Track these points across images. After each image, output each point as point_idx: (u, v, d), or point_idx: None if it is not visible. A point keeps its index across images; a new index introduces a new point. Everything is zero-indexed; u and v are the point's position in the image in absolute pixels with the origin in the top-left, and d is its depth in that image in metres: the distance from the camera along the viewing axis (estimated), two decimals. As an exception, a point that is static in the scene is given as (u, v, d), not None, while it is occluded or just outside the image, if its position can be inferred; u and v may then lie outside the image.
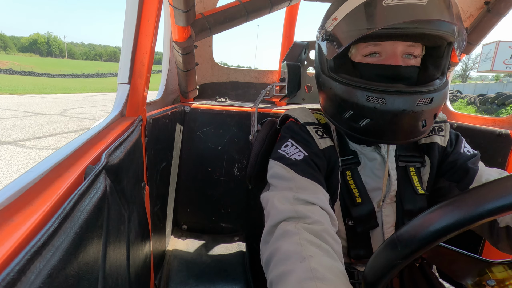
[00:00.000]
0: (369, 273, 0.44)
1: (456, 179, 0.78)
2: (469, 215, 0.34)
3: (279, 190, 0.66)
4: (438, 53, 0.70)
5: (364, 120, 0.66)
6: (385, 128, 0.65)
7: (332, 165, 0.76)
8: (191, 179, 1.61)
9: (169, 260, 1.35)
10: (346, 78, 0.68)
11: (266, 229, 0.61)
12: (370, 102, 0.63)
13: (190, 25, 1.20)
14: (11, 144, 5.20)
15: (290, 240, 0.53)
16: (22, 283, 0.25)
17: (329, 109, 0.76)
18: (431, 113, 0.65)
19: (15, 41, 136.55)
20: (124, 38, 0.79)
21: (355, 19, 0.63)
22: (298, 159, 0.71)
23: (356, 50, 0.71)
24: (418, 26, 0.61)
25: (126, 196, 0.61)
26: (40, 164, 0.43)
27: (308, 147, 0.74)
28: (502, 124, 1.16)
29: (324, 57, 0.73)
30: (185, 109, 1.53)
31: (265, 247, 0.58)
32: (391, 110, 0.62)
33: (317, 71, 0.80)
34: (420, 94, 0.62)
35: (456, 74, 55.19)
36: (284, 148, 0.75)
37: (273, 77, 1.89)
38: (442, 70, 0.70)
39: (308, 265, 0.47)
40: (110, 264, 0.48)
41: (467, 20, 1.30)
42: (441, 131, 0.82)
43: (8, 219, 0.31)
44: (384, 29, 0.61)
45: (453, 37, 0.65)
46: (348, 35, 0.64)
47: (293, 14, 1.75)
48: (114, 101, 0.80)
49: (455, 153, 0.80)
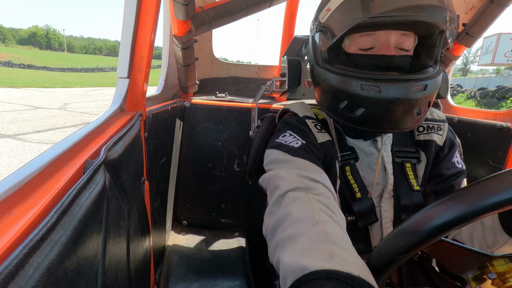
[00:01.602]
0: (374, 260, 0.44)
1: (439, 191, 0.81)
2: (472, 209, 0.34)
3: (282, 169, 0.65)
4: (430, 41, 0.71)
5: (360, 110, 0.67)
6: (381, 117, 0.66)
7: (330, 158, 0.77)
8: (191, 174, 1.61)
9: (169, 255, 1.36)
10: (340, 68, 0.69)
11: (272, 200, 0.59)
12: (365, 90, 0.64)
13: (190, 19, 1.19)
14: (11, 138, 5.20)
15: (302, 206, 0.51)
16: (20, 277, 0.25)
17: (325, 102, 0.76)
18: (425, 100, 0.66)
19: (14, 33, 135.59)
20: (124, 32, 0.78)
21: (349, 8, 0.63)
22: (296, 146, 0.70)
23: (349, 41, 0.72)
24: (411, 14, 0.61)
25: (125, 191, 0.61)
26: (39, 158, 0.43)
27: (306, 137, 0.74)
28: (503, 118, 1.15)
29: (318, 49, 0.74)
30: (185, 104, 1.52)
31: (270, 216, 0.55)
32: (386, 98, 0.63)
33: (311, 64, 0.80)
34: (414, 81, 0.63)
35: (457, 68, 54.95)
36: (281, 137, 0.75)
37: (273, 72, 1.88)
38: (435, 59, 0.71)
39: (322, 228, 0.45)
40: (110, 259, 0.48)
41: (469, 12, 1.28)
42: (440, 131, 0.83)
43: (7, 213, 0.31)
44: (377, 17, 0.62)
45: (445, 25, 0.66)
46: (343, 24, 0.64)
47: (294, 9, 1.73)
48: (113, 96, 0.80)
49: (446, 161, 0.81)
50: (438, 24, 0.66)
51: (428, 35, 0.71)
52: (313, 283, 0.36)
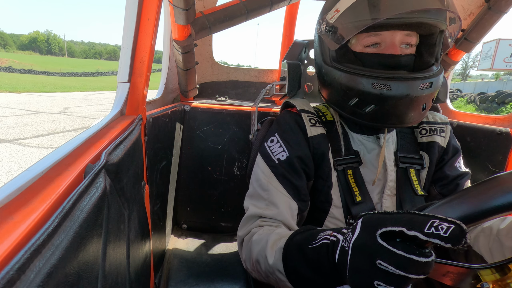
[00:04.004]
0: None
1: (446, 193, 0.82)
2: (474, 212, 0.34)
3: (255, 199, 0.78)
4: (432, 40, 0.74)
5: (370, 106, 0.70)
6: (390, 113, 0.70)
7: (321, 152, 0.80)
8: (191, 178, 1.61)
9: (169, 259, 1.35)
10: (350, 67, 0.72)
11: (242, 220, 0.78)
12: (375, 88, 0.68)
13: (190, 23, 1.19)
14: (10, 143, 5.20)
15: (257, 237, 0.68)
16: (21, 281, 0.25)
17: (333, 98, 0.80)
18: (430, 97, 0.71)
19: (15, 39, 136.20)
20: (124, 37, 0.79)
21: (359, 10, 0.67)
22: (281, 160, 0.77)
23: (356, 40, 0.74)
24: (416, 16, 0.66)
25: (126, 195, 0.61)
26: (40, 163, 0.43)
27: (292, 146, 0.79)
28: (502, 123, 1.16)
29: (326, 48, 0.77)
30: (185, 108, 1.53)
31: (241, 248, 0.75)
32: (395, 95, 0.67)
33: (318, 62, 0.83)
34: (421, 79, 0.67)
35: (456, 73, 55.15)
36: (270, 143, 0.81)
37: (273, 76, 1.89)
38: (436, 57, 0.75)
39: (276, 234, 0.65)
40: (110, 263, 0.48)
41: (467, 18, 1.30)
42: (442, 133, 0.85)
43: (8, 217, 0.31)
44: (385, 19, 0.65)
45: (445, 24, 0.71)
46: (353, 25, 0.68)
47: (293, 13, 1.75)
48: (113, 100, 0.80)
49: (449, 165, 0.83)
50: (440, 24, 0.70)
51: (429, 34, 0.74)
52: None
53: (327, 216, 0.80)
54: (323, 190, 0.80)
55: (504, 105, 12.95)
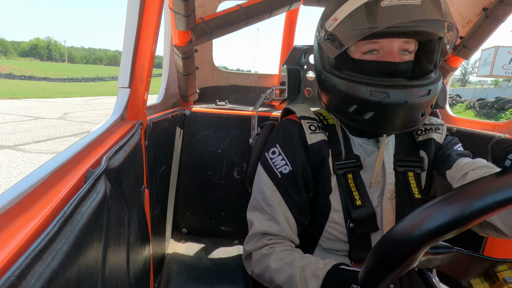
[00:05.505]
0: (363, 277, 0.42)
1: (443, 167, 0.80)
2: (466, 212, 0.33)
3: (259, 213, 0.80)
4: (430, 47, 0.75)
5: (369, 113, 0.71)
6: (388, 119, 0.70)
7: (321, 158, 0.80)
8: (191, 182, 1.61)
9: (169, 263, 1.35)
10: (349, 75, 0.73)
11: (248, 235, 0.82)
12: (374, 96, 0.68)
13: (191, 29, 1.21)
14: (10, 149, 5.20)
15: (276, 265, 0.72)
16: (22, 287, 0.25)
17: (332, 104, 0.81)
18: (428, 104, 0.71)
19: (16, 46, 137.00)
20: (125, 43, 0.79)
21: (357, 19, 0.67)
22: (284, 173, 0.79)
23: (355, 48, 0.75)
24: (414, 24, 0.66)
25: (126, 199, 0.61)
26: (40, 168, 0.43)
27: (293, 158, 0.80)
28: (502, 129, 1.16)
29: (325, 55, 0.77)
30: (185, 113, 1.53)
31: (250, 262, 0.81)
32: (394, 102, 0.67)
33: (318, 69, 0.83)
34: (419, 87, 0.68)
35: (456, 79, 55.38)
36: (271, 155, 0.82)
37: (273, 80, 1.90)
38: (435, 63, 0.76)
39: (299, 268, 0.68)
40: (110, 267, 0.48)
41: (465, 26, 1.31)
42: (438, 130, 0.87)
43: (9, 223, 0.31)
44: (383, 28, 0.65)
45: (443, 32, 0.71)
46: (352, 34, 0.68)
47: (293, 19, 1.76)
48: (113, 105, 0.81)
49: (447, 148, 0.84)
50: (438, 32, 0.70)
51: (427, 41, 0.74)
52: None
53: (327, 221, 0.80)
54: (322, 195, 0.80)
55: (504, 111, 13.00)
